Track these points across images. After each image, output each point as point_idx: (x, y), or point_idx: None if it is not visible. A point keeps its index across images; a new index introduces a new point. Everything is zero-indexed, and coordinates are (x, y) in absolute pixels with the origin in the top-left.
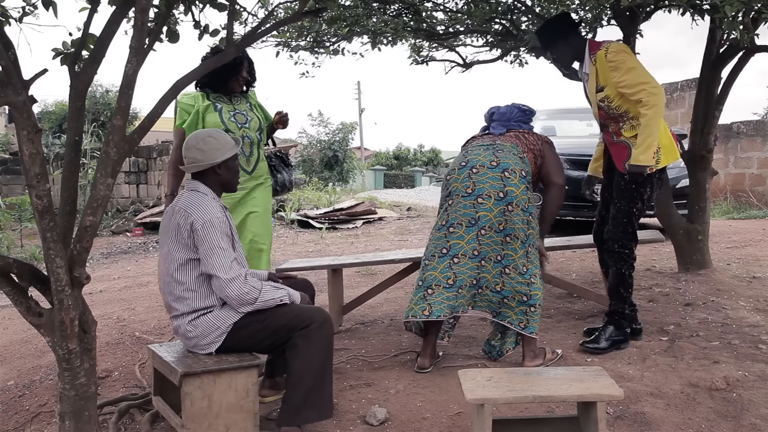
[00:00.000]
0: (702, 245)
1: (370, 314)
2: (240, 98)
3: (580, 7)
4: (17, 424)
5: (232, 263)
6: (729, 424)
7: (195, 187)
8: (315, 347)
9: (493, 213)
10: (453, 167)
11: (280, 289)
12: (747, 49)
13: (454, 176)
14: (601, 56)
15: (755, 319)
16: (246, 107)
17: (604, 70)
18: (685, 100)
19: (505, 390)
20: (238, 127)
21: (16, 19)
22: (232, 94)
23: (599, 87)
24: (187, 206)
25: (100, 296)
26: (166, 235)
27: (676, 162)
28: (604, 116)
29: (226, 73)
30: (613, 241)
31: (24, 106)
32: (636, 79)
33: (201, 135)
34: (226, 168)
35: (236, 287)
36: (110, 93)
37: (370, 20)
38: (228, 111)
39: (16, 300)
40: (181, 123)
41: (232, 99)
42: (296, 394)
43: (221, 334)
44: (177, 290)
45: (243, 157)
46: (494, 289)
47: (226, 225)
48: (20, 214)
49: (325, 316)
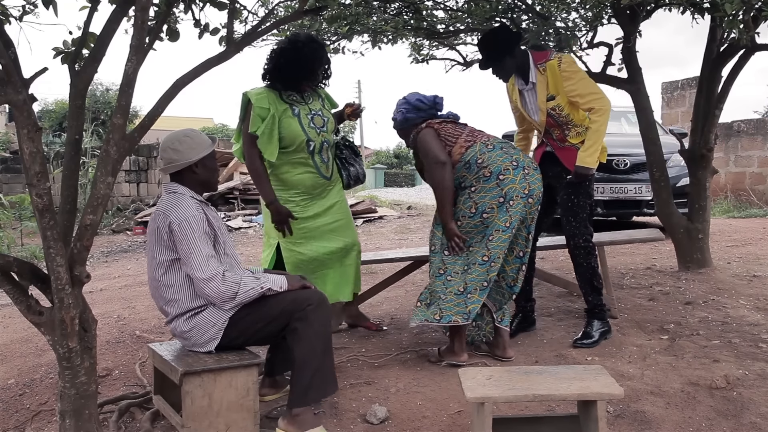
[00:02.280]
0: (702, 244)
1: (371, 313)
2: (312, 95)
3: (581, 5)
4: (18, 422)
5: (209, 261)
6: (729, 423)
7: (173, 188)
8: (314, 329)
9: (535, 214)
10: (505, 167)
11: (259, 279)
12: (747, 48)
13: (510, 176)
14: (553, 66)
15: (755, 318)
16: (320, 105)
17: (555, 80)
18: (686, 99)
19: (506, 388)
20: (317, 132)
21: (16, 17)
22: (303, 92)
23: (549, 96)
24: (165, 209)
25: (100, 295)
26: (150, 240)
27: (676, 161)
28: (552, 123)
29: (300, 73)
30: (579, 236)
31: (24, 104)
32: (587, 89)
33: (176, 135)
34: (203, 167)
35: (214, 286)
36: (110, 91)
37: (371, 19)
38: (305, 115)
39: (16, 298)
40: (254, 129)
41: (305, 97)
42: (303, 376)
43: (218, 331)
44: (167, 293)
45: (323, 165)
46: (510, 284)
47: (203, 222)
48: (20, 213)
49: (319, 296)
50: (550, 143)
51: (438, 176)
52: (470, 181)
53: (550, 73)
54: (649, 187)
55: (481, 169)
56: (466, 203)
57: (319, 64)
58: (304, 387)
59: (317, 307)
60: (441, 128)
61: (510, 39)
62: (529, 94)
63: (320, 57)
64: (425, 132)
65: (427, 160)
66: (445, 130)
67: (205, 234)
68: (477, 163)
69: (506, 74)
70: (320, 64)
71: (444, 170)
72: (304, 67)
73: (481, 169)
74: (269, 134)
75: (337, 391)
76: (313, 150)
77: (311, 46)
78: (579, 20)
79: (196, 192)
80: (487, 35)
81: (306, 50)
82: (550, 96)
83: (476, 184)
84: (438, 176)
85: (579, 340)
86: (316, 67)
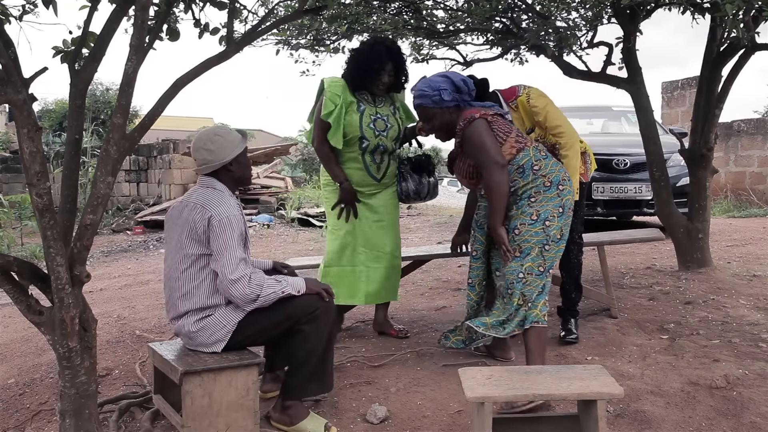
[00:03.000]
0: (702, 243)
1: (371, 313)
2: (385, 100)
3: (581, 5)
4: (18, 422)
5: (239, 263)
6: (729, 423)
7: (211, 183)
8: (321, 332)
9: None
10: (562, 177)
11: (280, 282)
12: (747, 48)
13: (567, 188)
14: (523, 102)
15: (755, 318)
16: (389, 111)
17: (528, 114)
18: (686, 99)
19: (506, 388)
20: (375, 134)
21: (16, 17)
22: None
23: (528, 129)
24: (204, 202)
25: (100, 294)
26: (177, 230)
27: (676, 160)
28: None
29: (367, 76)
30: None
31: (24, 104)
32: (554, 122)
33: (207, 135)
34: (237, 164)
35: (240, 288)
36: (110, 91)
37: (371, 18)
38: (369, 115)
39: (16, 298)
40: (327, 114)
41: (376, 99)
42: (302, 373)
43: (227, 333)
44: (185, 287)
45: (374, 165)
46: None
47: (242, 224)
48: (20, 213)
49: (327, 302)
50: None
51: (497, 179)
52: (527, 190)
53: (522, 108)
54: (649, 187)
55: (539, 177)
56: (527, 210)
57: (381, 71)
58: (301, 382)
59: (324, 313)
60: (494, 121)
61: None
62: None
63: (380, 67)
64: (479, 124)
65: (481, 157)
66: (497, 125)
67: (240, 236)
68: (533, 170)
69: None
70: (383, 71)
71: (503, 174)
72: (367, 72)
73: (540, 177)
74: (337, 121)
75: (331, 391)
76: (365, 148)
77: (375, 52)
78: (579, 20)
79: (229, 188)
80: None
81: (369, 57)
82: (529, 129)
83: (536, 195)
84: (497, 179)
85: (567, 337)
86: (378, 75)
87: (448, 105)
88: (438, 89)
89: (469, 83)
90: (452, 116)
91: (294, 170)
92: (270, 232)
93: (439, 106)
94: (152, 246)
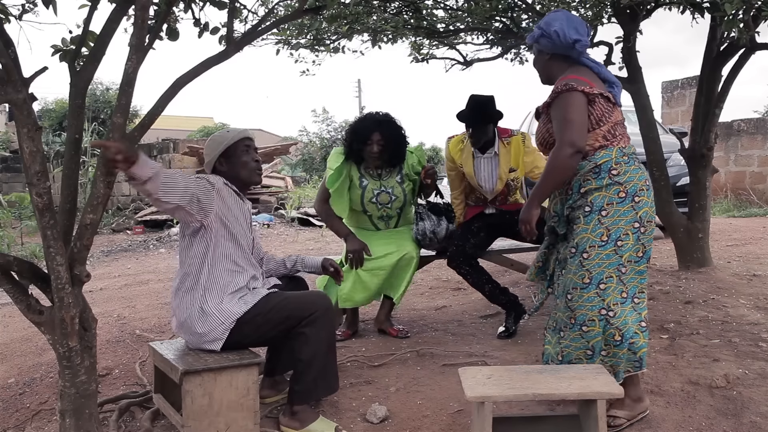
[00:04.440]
0: (702, 243)
1: (371, 312)
2: (391, 171)
3: (581, 5)
4: (18, 421)
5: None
6: (729, 422)
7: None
8: (322, 333)
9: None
10: (640, 187)
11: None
12: (747, 47)
13: (644, 199)
14: (518, 141)
15: (755, 317)
16: (395, 182)
17: (518, 155)
18: (686, 98)
19: (506, 388)
20: (378, 208)
21: (16, 16)
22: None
23: (512, 168)
24: None
25: (100, 294)
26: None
27: (676, 160)
28: (505, 192)
29: (354, 146)
30: None
31: (24, 103)
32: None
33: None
34: (225, 162)
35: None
36: (110, 91)
37: (371, 18)
38: (372, 190)
39: (16, 298)
40: (329, 182)
41: (382, 173)
42: (308, 375)
43: (225, 330)
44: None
45: (382, 222)
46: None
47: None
48: (20, 212)
49: (327, 302)
50: (490, 205)
51: (563, 162)
52: (598, 196)
53: (513, 147)
54: None
55: (614, 184)
56: (595, 230)
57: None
58: (308, 386)
59: (324, 313)
60: (596, 101)
61: (498, 111)
62: (487, 163)
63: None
64: (577, 97)
65: (561, 131)
66: (598, 107)
67: (206, 186)
68: (610, 173)
69: (483, 137)
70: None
71: (573, 159)
72: (354, 142)
73: (615, 184)
74: (340, 191)
75: (337, 391)
76: (370, 216)
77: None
78: None
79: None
80: (486, 99)
81: (358, 127)
82: (512, 168)
83: (608, 207)
84: (563, 162)
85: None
86: (365, 144)
87: (542, 51)
88: (548, 33)
89: (583, 35)
90: (552, 67)
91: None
92: (270, 231)
93: (538, 47)
94: (152, 246)
